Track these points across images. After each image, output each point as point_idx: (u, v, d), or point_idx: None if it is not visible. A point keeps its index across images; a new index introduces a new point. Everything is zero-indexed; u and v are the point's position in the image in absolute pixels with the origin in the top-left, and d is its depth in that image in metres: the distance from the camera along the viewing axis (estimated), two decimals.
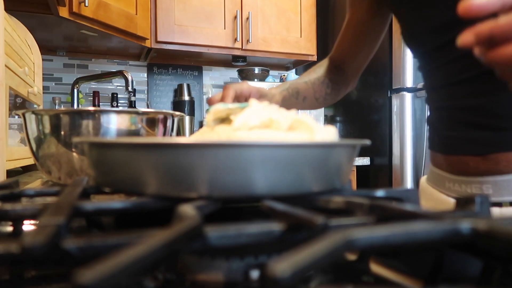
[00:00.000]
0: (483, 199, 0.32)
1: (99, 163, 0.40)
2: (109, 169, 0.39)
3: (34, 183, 0.90)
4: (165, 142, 0.35)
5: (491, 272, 0.27)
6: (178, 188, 0.34)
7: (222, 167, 0.33)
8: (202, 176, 0.33)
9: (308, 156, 0.36)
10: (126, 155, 0.36)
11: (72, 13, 1.78)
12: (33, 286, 0.28)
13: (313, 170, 0.36)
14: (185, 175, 0.33)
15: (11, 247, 0.21)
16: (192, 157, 0.33)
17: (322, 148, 0.37)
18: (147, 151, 0.35)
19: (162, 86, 2.79)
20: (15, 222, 0.36)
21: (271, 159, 0.34)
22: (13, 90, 1.03)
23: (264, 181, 0.34)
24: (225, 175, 0.33)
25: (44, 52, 2.28)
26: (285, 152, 0.34)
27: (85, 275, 0.16)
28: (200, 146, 0.33)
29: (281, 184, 0.35)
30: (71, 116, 0.74)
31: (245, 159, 0.33)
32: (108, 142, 0.40)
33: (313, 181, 0.37)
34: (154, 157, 0.34)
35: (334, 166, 0.39)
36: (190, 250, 0.25)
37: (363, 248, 0.21)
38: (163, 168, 0.34)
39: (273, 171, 0.34)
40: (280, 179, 0.34)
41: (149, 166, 0.35)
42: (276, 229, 0.26)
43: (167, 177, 0.34)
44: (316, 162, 0.36)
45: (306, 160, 0.35)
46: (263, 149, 0.33)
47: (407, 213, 0.29)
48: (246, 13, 2.53)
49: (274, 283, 0.17)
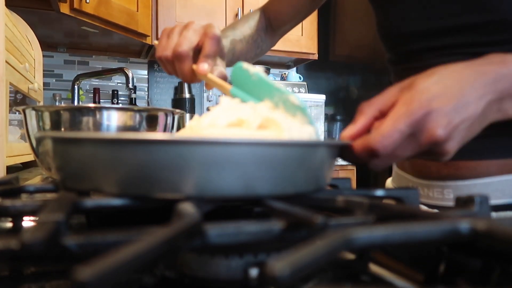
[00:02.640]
0: (483, 199, 0.32)
1: (63, 161, 0.37)
2: (72, 167, 0.36)
3: (34, 180, 0.90)
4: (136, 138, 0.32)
5: (490, 272, 0.27)
6: (143, 188, 0.32)
7: (199, 164, 0.31)
8: (181, 175, 0.31)
9: (284, 155, 0.34)
10: (89, 151, 0.34)
11: (73, 9, 1.78)
12: (32, 282, 0.28)
13: (291, 170, 0.34)
14: (160, 174, 0.31)
15: (11, 243, 0.21)
16: (161, 155, 0.31)
17: (297, 147, 0.35)
18: (112, 147, 0.32)
19: (163, 83, 2.79)
20: (14, 218, 0.36)
21: (243, 157, 0.32)
22: (13, 86, 1.03)
23: (239, 181, 0.32)
24: (205, 174, 0.31)
25: (45, 48, 2.27)
26: (257, 150, 0.32)
27: (84, 272, 0.16)
28: (170, 143, 0.31)
29: (258, 184, 0.33)
30: (71, 113, 0.74)
31: (219, 157, 0.31)
32: (72, 137, 0.37)
33: (293, 181, 0.35)
34: (119, 154, 0.32)
35: (312, 166, 0.37)
36: (189, 247, 0.25)
37: (362, 247, 0.21)
38: (131, 167, 0.32)
39: (245, 170, 0.32)
40: (255, 178, 0.33)
41: (116, 164, 0.32)
42: (276, 228, 0.27)
43: (137, 176, 0.32)
44: (293, 161, 0.34)
45: (281, 159, 0.33)
46: (234, 147, 0.32)
47: (406, 213, 0.30)
48: (247, 10, 2.52)
49: (273, 282, 0.17)
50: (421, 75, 0.44)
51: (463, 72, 0.44)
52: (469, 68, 0.45)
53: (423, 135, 0.41)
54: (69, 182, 0.37)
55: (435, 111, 0.40)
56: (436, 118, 0.40)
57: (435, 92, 0.41)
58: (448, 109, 0.41)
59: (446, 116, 0.41)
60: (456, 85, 0.42)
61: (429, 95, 0.41)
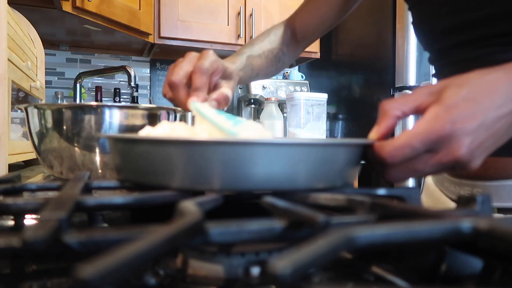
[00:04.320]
0: (484, 198, 0.32)
1: (125, 159, 0.42)
2: (134, 164, 0.41)
3: (35, 178, 0.90)
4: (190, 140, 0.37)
5: (491, 272, 0.27)
6: (192, 181, 0.37)
7: (230, 163, 0.35)
8: (214, 170, 0.36)
9: (304, 153, 0.37)
10: (148, 150, 0.39)
11: (75, 7, 1.78)
12: (34, 280, 0.28)
13: (310, 167, 0.38)
14: (199, 170, 0.36)
15: (12, 241, 0.21)
16: (207, 153, 0.36)
17: (320, 147, 0.38)
18: (166, 146, 0.37)
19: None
20: (16, 216, 0.36)
21: (271, 156, 0.36)
22: (15, 84, 1.03)
23: (264, 176, 0.36)
24: (231, 171, 0.36)
25: (47, 47, 2.28)
26: (283, 150, 0.36)
27: (86, 270, 0.16)
28: (212, 144, 0.36)
29: (279, 179, 0.37)
30: (73, 111, 0.74)
31: (249, 155, 0.36)
32: (133, 138, 0.42)
33: (311, 177, 0.38)
34: (175, 153, 0.37)
35: (334, 165, 0.40)
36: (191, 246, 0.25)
37: (364, 246, 0.21)
38: (183, 163, 0.37)
39: (271, 167, 0.36)
40: (278, 174, 0.37)
41: (170, 162, 0.37)
42: (277, 226, 0.26)
43: (188, 171, 0.37)
44: (315, 159, 0.38)
45: (301, 157, 0.37)
46: (265, 147, 0.36)
47: (408, 212, 0.29)
48: (250, 9, 2.52)
49: (274, 280, 0.17)
50: (453, 83, 0.42)
51: (497, 83, 0.42)
52: (505, 77, 0.43)
53: (444, 154, 0.40)
54: (134, 177, 0.42)
55: (459, 131, 0.39)
56: (460, 138, 0.39)
57: (462, 111, 0.40)
58: (473, 128, 0.40)
59: (470, 135, 0.40)
60: (487, 101, 0.41)
61: (454, 115, 0.40)
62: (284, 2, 2.62)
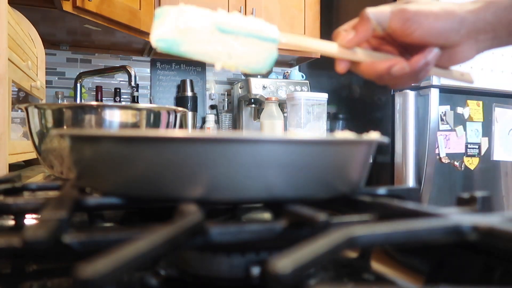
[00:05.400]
0: (485, 198, 0.32)
1: (82, 160, 0.35)
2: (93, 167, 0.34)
3: (36, 177, 0.90)
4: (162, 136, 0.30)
5: (491, 271, 0.27)
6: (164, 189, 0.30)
7: (218, 165, 0.29)
8: (197, 176, 0.30)
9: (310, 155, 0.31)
10: (113, 149, 0.32)
11: (75, 7, 1.78)
12: (34, 280, 0.28)
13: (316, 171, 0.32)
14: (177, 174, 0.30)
15: (13, 241, 0.21)
16: (184, 153, 0.29)
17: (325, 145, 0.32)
18: (135, 145, 0.30)
19: (165, 81, 2.79)
20: (17, 216, 0.36)
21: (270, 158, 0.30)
22: (16, 84, 1.03)
23: (262, 184, 0.30)
24: (221, 176, 0.30)
25: (47, 46, 2.28)
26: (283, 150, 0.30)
27: (86, 270, 0.16)
28: (193, 141, 0.29)
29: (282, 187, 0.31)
30: (73, 111, 0.74)
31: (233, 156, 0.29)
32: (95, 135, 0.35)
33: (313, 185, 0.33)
34: (144, 153, 0.30)
35: (342, 167, 0.34)
36: (191, 245, 0.25)
37: (364, 245, 0.21)
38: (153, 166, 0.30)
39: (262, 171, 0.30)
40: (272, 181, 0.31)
41: (138, 163, 0.30)
42: (278, 226, 0.26)
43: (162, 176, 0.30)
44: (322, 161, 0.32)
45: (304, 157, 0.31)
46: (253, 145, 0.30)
47: (408, 211, 0.29)
48: (250, 9, 2.52)
49: (275, 280, 0.17)
50: None
51: None
52: None
53: None
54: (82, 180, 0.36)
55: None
56: None
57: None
58: None
59: None
60: None
61: None
62: (285, 2, 2.62)
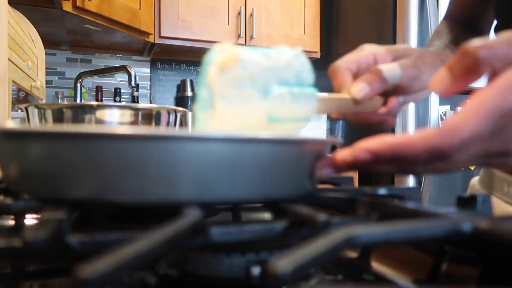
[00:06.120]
0: (485, 198, 0.32)
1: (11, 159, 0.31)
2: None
3: None
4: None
5: (491, 272, 0.27)
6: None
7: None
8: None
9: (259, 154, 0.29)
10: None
11: (75, 7, 1.78)
12: (34, 280, 0.28)
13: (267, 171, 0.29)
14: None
15: (13, 241, 0.21)
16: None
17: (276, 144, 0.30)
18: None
19: (165, 81, 2.79)
20: (16, 216, 0.36)
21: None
22: (16, 84, 1.03)
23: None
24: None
25: (48, 46, 2.28)
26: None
27: (86, 270, 0.16)
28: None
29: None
30: (73, 111, 0.74)
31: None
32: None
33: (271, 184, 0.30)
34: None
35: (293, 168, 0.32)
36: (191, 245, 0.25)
37: (364, 245, 0.21)
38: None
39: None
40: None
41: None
42: (278, 226, 0.26)
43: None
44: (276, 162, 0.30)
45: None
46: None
47: (408, 211, 0.29)
48: (250, 9, 2.52)
49: (275, 280, 0.17)
50: None
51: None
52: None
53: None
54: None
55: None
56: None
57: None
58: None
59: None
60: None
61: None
62: (285, 2, 2.62)
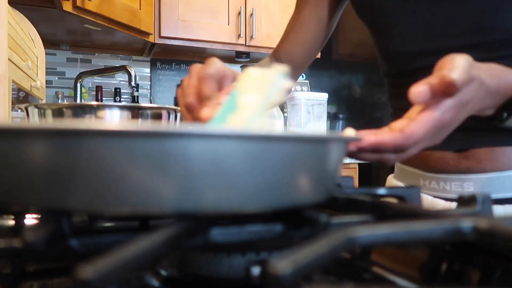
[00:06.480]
0: (485, 198, 0.32)
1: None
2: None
3: None
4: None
5: (491, 272, 0.27)
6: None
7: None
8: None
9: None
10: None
11: (75, 7, 1.78)
12: (34, 280, 0.28)
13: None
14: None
15: (13, 241, 0.21)
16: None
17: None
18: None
19: (165, 81, 2.79)
20: (16, 216, 0.36)
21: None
22: (16, 84, 1.03)
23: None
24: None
25: (48, 46, 2.27)
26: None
27: (86, 270, 0.16)
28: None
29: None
30: (74, 111, 0.74)
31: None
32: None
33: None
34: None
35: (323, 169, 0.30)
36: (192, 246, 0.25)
37: (364, 246, 0.21)
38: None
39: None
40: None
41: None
42: (278, 226, 0.26)
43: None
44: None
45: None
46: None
47: (409, 212, 0.29)
48: (250, 9, 2.52)
49: (275, 281, 0.17)
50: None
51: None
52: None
53: None
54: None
55: None
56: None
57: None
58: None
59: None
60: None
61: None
62: (285, 2, 2.62)
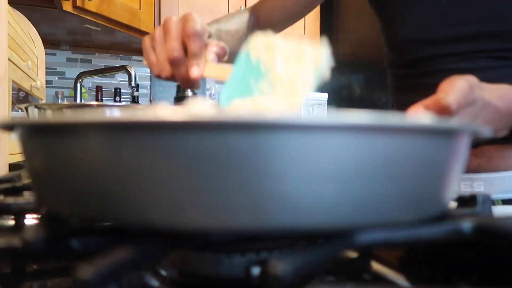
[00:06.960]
0: (485, 198, 0.32)
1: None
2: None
3: None
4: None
5: (491, 271, 0.27)
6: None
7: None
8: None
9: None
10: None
11: (75, 7, 1.78)
12: (34, 280, 0.28)
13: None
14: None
15: (13, 241, 0.21)
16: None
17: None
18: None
19: (165, 81, 2.79)
20: (17, 216, 0.36)
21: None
22: (16, 84, 1.03)
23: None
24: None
25: (48, 46, 2.27)
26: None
27: (86, 270, 0.16)
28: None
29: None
30: (73, 111, 0.74)
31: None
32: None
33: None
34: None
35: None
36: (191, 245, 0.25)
37: (364, 246, 0.21)
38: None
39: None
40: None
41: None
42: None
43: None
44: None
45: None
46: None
47: None
48: None
49: (275, 281, 0.17)
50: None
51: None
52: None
53: None
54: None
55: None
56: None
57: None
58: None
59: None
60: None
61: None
62: None
